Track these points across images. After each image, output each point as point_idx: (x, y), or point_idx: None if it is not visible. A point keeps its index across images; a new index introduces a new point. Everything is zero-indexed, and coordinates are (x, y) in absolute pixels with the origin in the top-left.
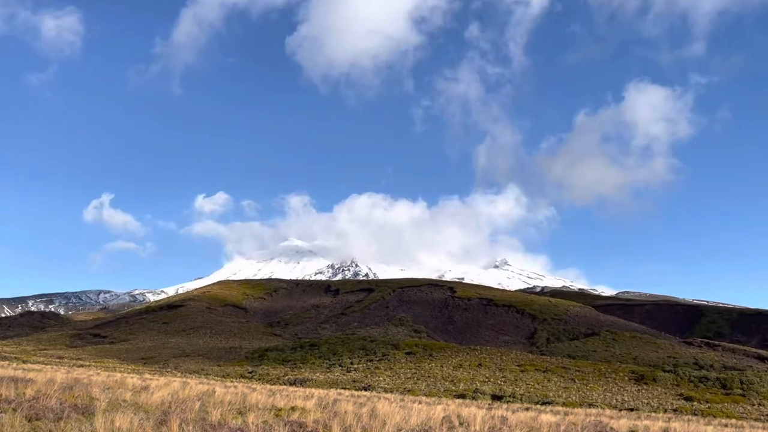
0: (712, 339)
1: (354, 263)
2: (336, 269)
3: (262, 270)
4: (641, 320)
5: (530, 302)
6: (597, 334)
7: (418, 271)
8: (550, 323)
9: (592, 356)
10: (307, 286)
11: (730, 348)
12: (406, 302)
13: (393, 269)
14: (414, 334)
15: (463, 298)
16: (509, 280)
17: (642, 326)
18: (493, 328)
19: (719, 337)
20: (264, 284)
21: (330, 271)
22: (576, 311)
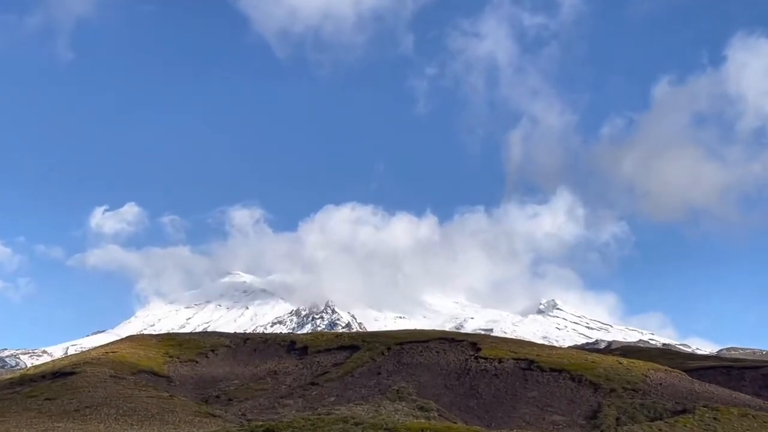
0: None
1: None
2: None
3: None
4: (756, 390)
5: (591, 365)
6: (690, 412)
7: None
8: (621, 396)
9: None
10: (261, 343)
11: None
12: (407, 366)
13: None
14: (419, 414)
15: (491, 360)
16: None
17: (756, 399)
18: (536, 403)
19: None
20: (196, 341)
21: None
22: (659, 378)
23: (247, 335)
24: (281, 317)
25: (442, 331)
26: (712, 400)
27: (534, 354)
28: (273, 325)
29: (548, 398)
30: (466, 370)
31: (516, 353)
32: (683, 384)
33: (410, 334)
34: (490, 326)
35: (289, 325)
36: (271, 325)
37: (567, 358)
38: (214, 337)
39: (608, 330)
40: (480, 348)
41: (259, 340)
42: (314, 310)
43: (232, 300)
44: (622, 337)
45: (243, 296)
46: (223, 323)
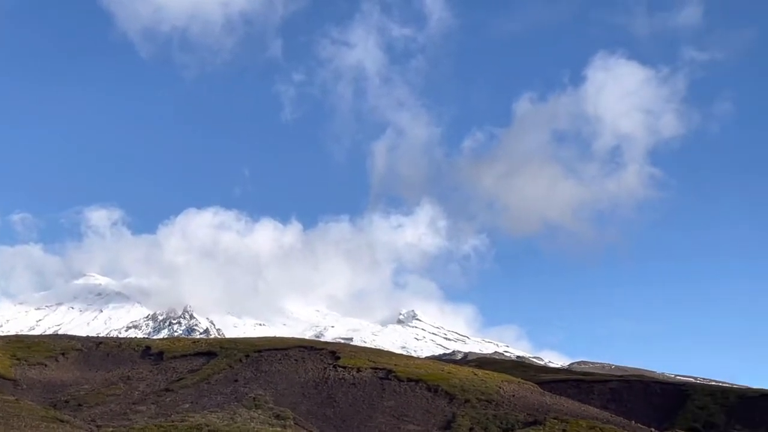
0: (700, 431)
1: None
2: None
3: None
4: (603, 403)
5: (447, 376)
6: (541, 423)
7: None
8: (475, 406)
9: None
10: (114, 347)
11: None
12: (265, 374)
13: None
14: (276, 422)
15: (350, 369)
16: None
17: (604, 412)
18: (392, 412)
19: (711, 428)
20: (46, 344)
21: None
22: (512, 390)
23: (100, 339)
24: (137, 321)
25: (302, 339)
26: (562, 413)
27: (392, 364)
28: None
29: (404, 408)
30: (324, 378)
31: (374, 363)
32: (535, 396)
33: (269, 341)
34: (350, 335)
35: (145, 329)
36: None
37: (424, 368)
38: (65, 340)
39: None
40: (339, 357)
41: (112, 344)
42: (171, 315)
43: (85, 302)
44: (478, 349)
45: (97, 299)
46: (76, 326)
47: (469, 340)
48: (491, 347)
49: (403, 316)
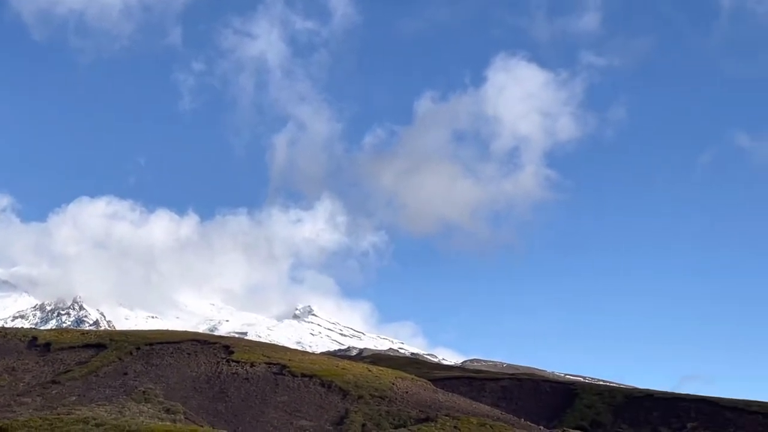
0: (588, 429)
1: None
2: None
3: None
4: (494, 401)
5: (342, 372)
6: (433, 420)
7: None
8: (369, 402)
9: None
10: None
11: None
12: (156, 367)
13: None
14: (166, 416)
15: (243, 364)
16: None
17: (495, 410)
18: (285, 408)
19: (598, 426)
20: None
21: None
22: (406, 387)
23: None
24: (23, 311)
25: (195, 332)
26: (454, 410)
27: (287, 359)
28: (14, 320)
29: (297, 403)
30: (217, 373)
31: (269, 358)
32: (428, 393)
33: (161, 334)
34: (245, 330)
35: (32, 320)
36: (12, 319)
37: (319, 364)
38: None
39: (361, 337)
40: (233, 351)
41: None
42: (60, 306)
43: None
44: (374, 345)
45: None
46: None
47: (365, 336)
48: (387, 344)
49: (299, 311)
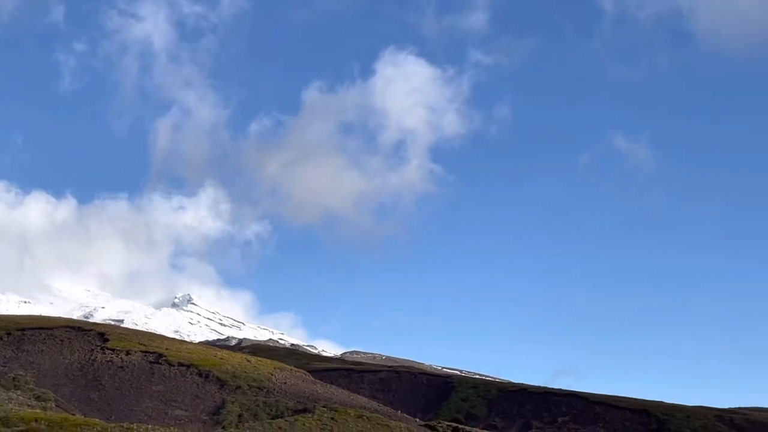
0: (463, 422)
1: None
2: None
3: None
4: (373, 393)
5: (220, 362)
6: (311, 411)
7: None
8: (246, 393)
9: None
10: None
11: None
12: (27, 353)
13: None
14: (36, 404)
15: (119, 352)
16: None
17: (372, 401)
18: (160, 397)
19: (472, 419)
20: None
21: None
22: (284, 378)
23: None
24: None
25: (69, 319)
26: (332, 401)
27: (163, 348)
28: None
29: (173, 393)
30: (91, 361)
31: (145, 346)
32: (306, 384)
33: (34, 320)
34: (121, 317)
35: None
36: None
37: (196, 353)
38: None
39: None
40: (108, 339)
41: None
42: None
43: None
44: (253, 336)
45: None
46: None
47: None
48: (267, 334)
49: (178, 299)
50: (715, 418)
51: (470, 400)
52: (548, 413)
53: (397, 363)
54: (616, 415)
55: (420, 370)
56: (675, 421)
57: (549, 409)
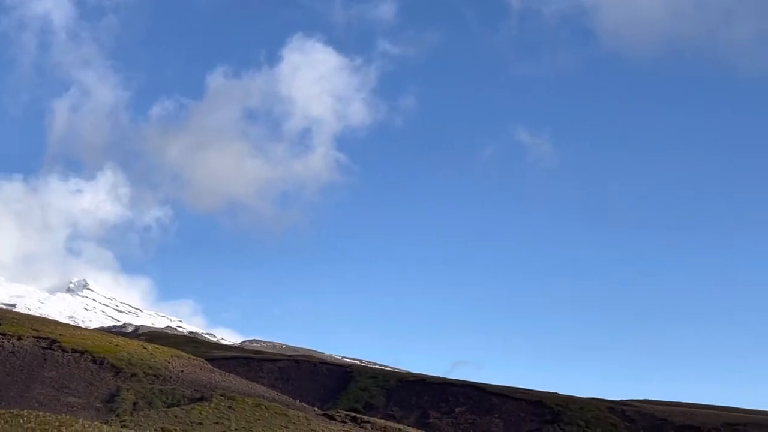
0: (361, 411)
1: None
2: None
3: None
4: (271, 381)
5: (115, 348)
6: (207, 400)
7: None
8: (142, 381)
9: (197, 431)
10: None
11: (382, 426)
12: None
13: None
14: None
15: (10, 337)
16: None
17: (271, 390)
18: (53, 384)
19: (371, 409)
20: None
21: None
22: (181, 365)
23: None
24: None
25: None
26: (230, 390)
27: (57, 333)
28: None
29: (66, 380)
30: None
31: (38, 331)
32: (204, 373)
33: None
34: (13, 301)
35: None
36: None
37: (91, 339)
38: None
39: (138, 314)
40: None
41: None
42: None
43: None
44: (151, 323)
45: None
46: None
47: (142, 314)
48: (165, 321)
49: (73, 284)
50: (607, 409)
51: (369, 390)
52: (446, 403)
53: (297, 352)
54: (512, 405)
55: (320, 359)
56: (569, 412)
57: (447, 399)
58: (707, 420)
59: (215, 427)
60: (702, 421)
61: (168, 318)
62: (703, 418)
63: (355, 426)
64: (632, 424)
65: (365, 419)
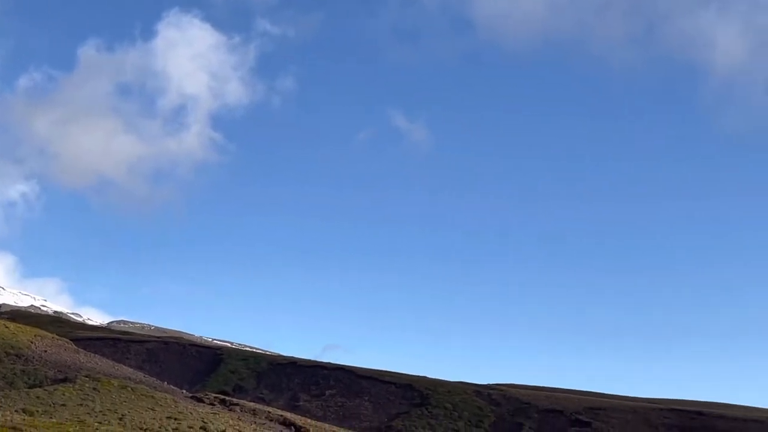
0: (230, 394)
1: None
2: None
3: None
4: (139, 363)
5: None
6: (72, 381)
7: None
8: (3, 361)
9: (59, 413)
10: None
11: (251, 408)
12: None
13: None
14: None
15: None
16: None
17: (138, 372)
18: None
19: (241, 391)
20: None
21: None
22: (45, 346)
23: None
24: None
25: None
26: (95, 371)
27: None
28: None
29: None
30: None
31: None
32: (68, 353)
33: None
34: None
35: None
36: None
37: None
38: None
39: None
40: None
41: None
42: None
43: None
44: (13, 301)
45: None
46: None
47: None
48: (28, 300)
49: None
50: (474, 393)
51: (239, 372)
52: (316, 386)
53: (166, 333)
54: (381, 388)
55: (190, 341)
56: (437, 395)
57: (317, 382)
58: (570, 404)
59: (79, 409)
60: (565, 405)
61: (32, 297)
62: (565, 402)
63: (224, 408)
64: (498, 407)
65: (234, 402)
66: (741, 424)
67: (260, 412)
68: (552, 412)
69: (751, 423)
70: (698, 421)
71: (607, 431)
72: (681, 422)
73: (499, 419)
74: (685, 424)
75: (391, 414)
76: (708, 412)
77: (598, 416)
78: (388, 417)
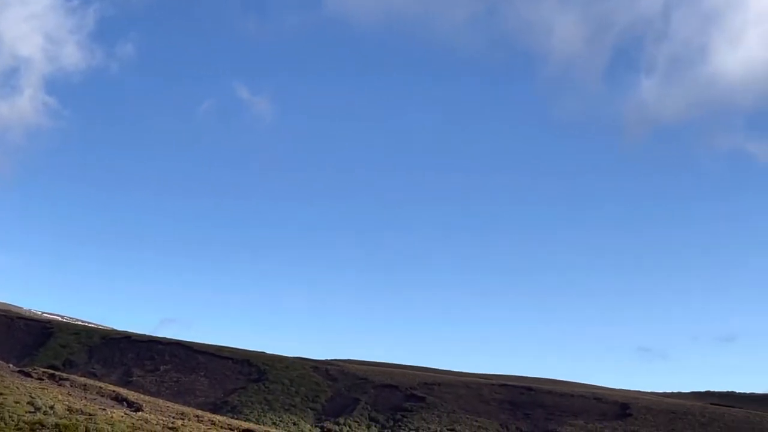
0: (61, 368)
1: None
2: None
3: None
4: None
5: None
6: None
7: None
8: None
9: None
10: None
11: (82, 384)
12: None
13: None
14: None
15: None
16: None
17: None
18: None
19: (72, 366)
20: None
21: None
22: None
23: None
24: None
25: None
26: None
27: None
28: None
29: None
30: None
31: None
32: None
33: None
34: None
35: None
36: None
37: None
38: None
39: None
40: None
41: None
42: None
43: None
44: None
45: None
46: None
47: None
48: None
49: None
50: (312, 368)
51: (70, 347)
52: (151, 361)
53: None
54: (218, 364)
55: (18, 314)
56: (274, 371)
57: (152, 357)
58: (405, 379)
59: None
60: (400, 380)
61: None
62: (401, 378)
63: (53, 383)
64: (335, 382)
65: (64, 377)
66: (567, 399)
67: (91, 387)
68: (388, 387)
69: (577, 398)
70: (527, 396)
71: (441, 405)
72: (512, 397)
73: (336, 394)
74: (516, 399)
75: (228, 389)
76: (537, 387)
77: (432, 391)
78: (224, 392)
